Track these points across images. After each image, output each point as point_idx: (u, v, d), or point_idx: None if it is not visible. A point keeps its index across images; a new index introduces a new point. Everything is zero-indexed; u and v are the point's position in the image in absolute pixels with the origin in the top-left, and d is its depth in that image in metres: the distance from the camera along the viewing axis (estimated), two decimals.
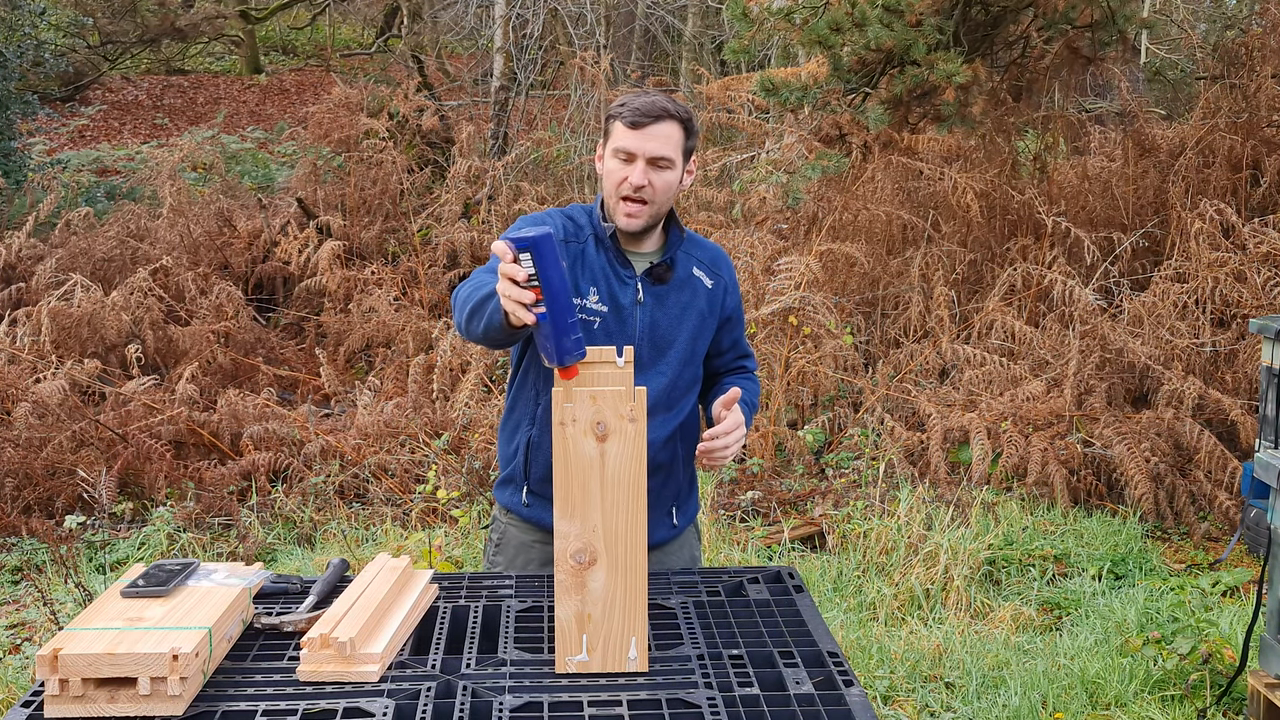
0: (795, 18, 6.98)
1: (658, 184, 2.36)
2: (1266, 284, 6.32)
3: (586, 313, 2.41)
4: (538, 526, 2.51)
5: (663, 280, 2.47)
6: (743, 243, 7.07)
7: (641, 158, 2.35)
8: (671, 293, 2.48)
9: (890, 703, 3.91)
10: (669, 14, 13.23)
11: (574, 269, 2.43)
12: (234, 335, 7.84)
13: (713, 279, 2.53)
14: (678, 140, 2.38)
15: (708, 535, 4.97)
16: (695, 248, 2.55)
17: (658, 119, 2.35)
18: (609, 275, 2.43)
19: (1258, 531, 5.13)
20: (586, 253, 2.44)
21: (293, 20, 20.54)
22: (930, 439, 5.74)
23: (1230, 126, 7.54)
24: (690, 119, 2.41)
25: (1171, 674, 3.94)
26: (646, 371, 2.45)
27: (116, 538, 5.49)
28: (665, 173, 2.37)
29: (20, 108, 11.34)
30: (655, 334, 2.46)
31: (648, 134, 2.35)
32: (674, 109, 2.39)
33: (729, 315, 2.57)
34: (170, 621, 1.88)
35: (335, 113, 10.82)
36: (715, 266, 2.55)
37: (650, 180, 2.35)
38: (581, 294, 2.41)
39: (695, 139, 2.44)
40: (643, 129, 2.35)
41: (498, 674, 1.91)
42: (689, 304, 2.49)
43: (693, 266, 2.51)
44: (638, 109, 2.36)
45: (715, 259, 2.57)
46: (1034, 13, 7.03)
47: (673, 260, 2.48)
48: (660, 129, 2.35)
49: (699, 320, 2.50)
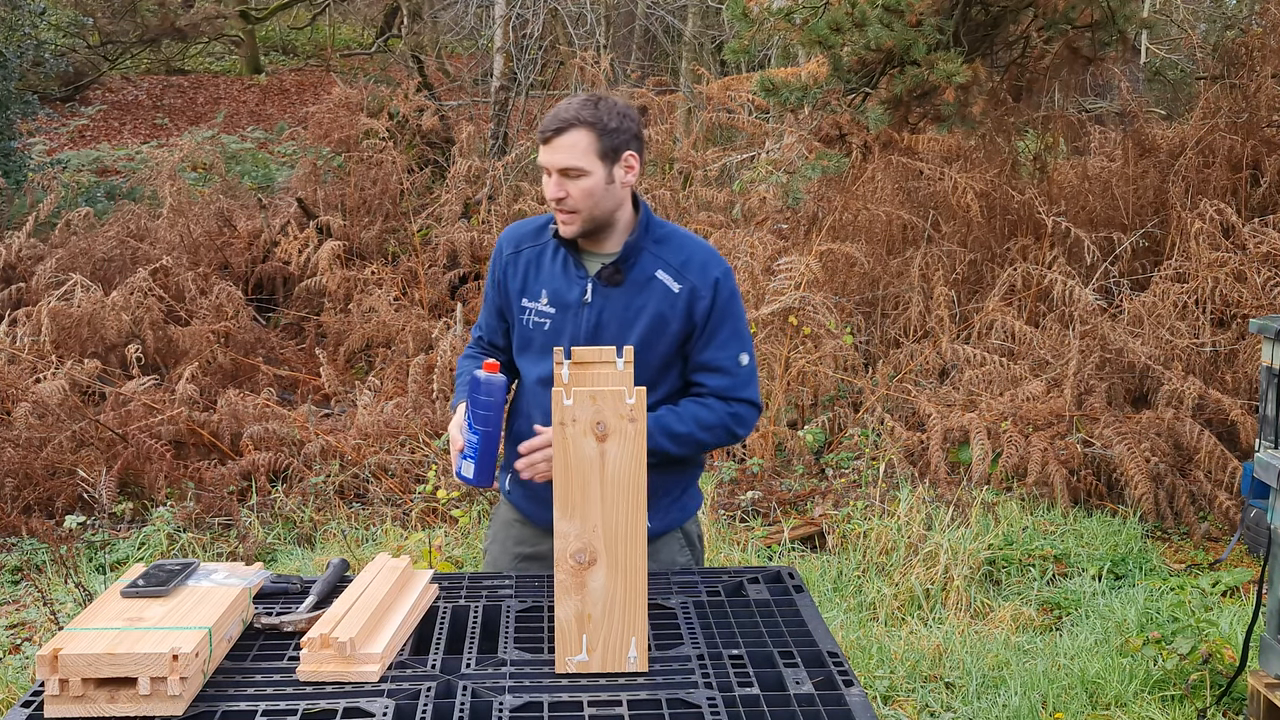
0: (795, 18, 6.98)
1: (575, 192, 2.38)
2: (1266, 284, 6.32)
3: (537, 314, 2.49)
4: (518, 508, 2.64)
5: (613, 281, 2.45)
6: (743, 243, 7.07)
7: (554, 170, 2.38)
8: (625, 294, 2.45)
9: (890, 703, 3.91)
10: (669, 14, 13.23)
11: (528, 272, 2.52)
12: (234, 335, 7.84)
13: (680, 283, 2.44)
14: (585, 146, 2.37)
15: (708, 535, 4.96)
16: (667, 249, 2.48)
17: (559, 131, 2.37)
18: (560, 276, 2.48)
19: (1258, 531, 5.13)
20: (544, 256, 2.51)
21: (293, 20, 20.54)
22: (930, 439, 5.74)
23: (1230, 126, 7.54)
24: (601, 120, 2.37)
25: (1171, 674, 3.94)
26: None
27: (116, 538, 5.48)
28: (580, 180, 2.38)
29: (20, 108, 11.34)
30: (600, 335, 2.44)
31: (554, 147, 2.38)
32: (579, 115, 2.37)
33: (698, 321, 2.45)
34: (170, 621, 1.88)
35: (335, 113, 10.82)
36: (685, 270, 2.45)
37: (567, 190, 2.38)
38: (534, 296, 2.50)
39: (619, 136, 2.39)
40: (550, 143, 2.38)
41: (498, 674, 1.91)
42: (644, 306, 2.44)
43: (658, 269, 2.46)
44: (544, 123, 2.40)
45: (686, 262, 2.46)
46: (1034, 13, 7.03)
47: (629, 261, 2.45)
48: (565, 140, 2.37)
49: (655, 323, 2.43)
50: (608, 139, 2.38)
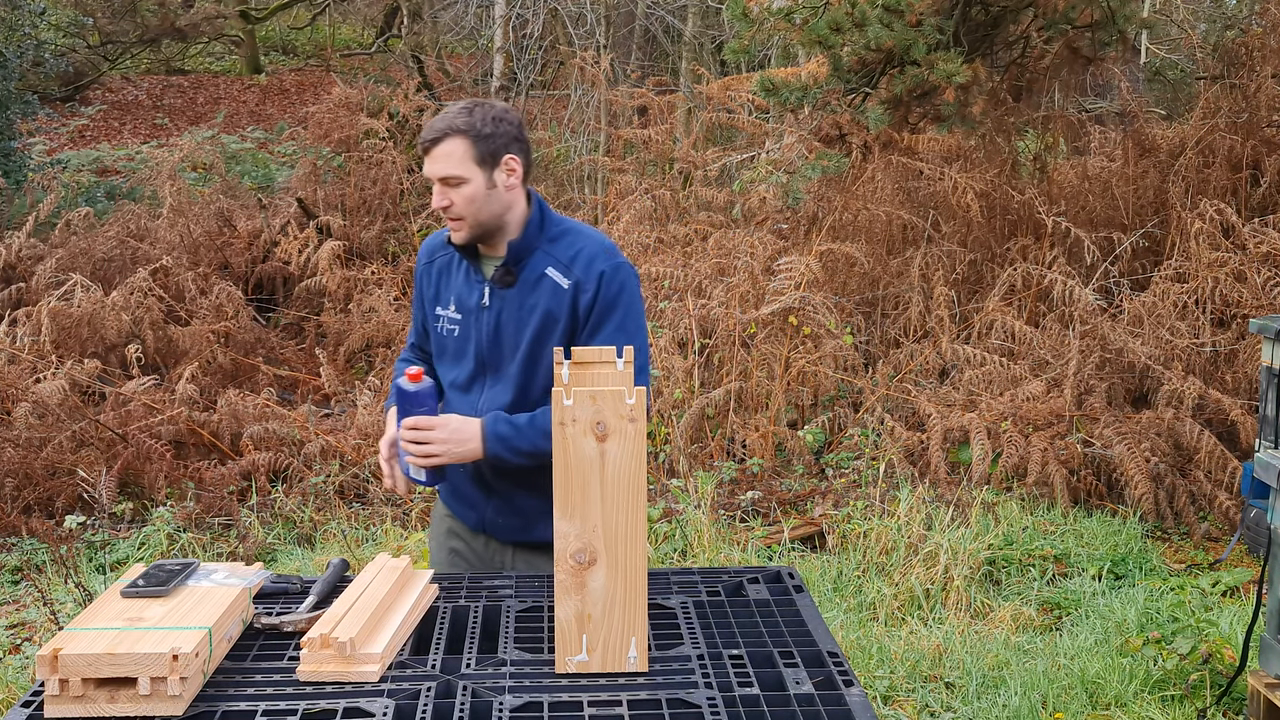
0: (795, 18, 6.98)
1: (457, 200, 2.42)
2: (1266, 284, 6.32)
3: (449, 321, 2.56)
4: (445, 504, 2.75)
5: (505, 283, 2.48)
6: (743, 243, 7.07)
7: (436, 179, 2.43)
8: (518, 295, 2.48)
9: (890, 703, 3.91)
10: (669, 14, 13.23)
11: (440, 281, 2.61)
12: (234, 335, 7.84)
13: (568, 277, 2.45)
14: (462, 154, 2.40)
15: (708, 535, 4.96)
16: (559, 247, 2.49)
17: (435, 141, 2.41)
18: (462, 283, 2.54)
19: (1258, 531, 5.13)
20: (451, 264, 2.58)
21: (293, 20, 20.53)
22: (930, 439, 5.74)
23: (1230, 126, 7.54)
24: (475, 126, 2.40)
25: (1171, 674, 3.94)
26: (498, 373, 2.51)
27: (116, 538, 5.48)
28: (461, 188, 2.41)
29: (20, 108, 11.33)
30: (499, 337, 2.49)
31: (433, 157, 2.42)
32: (453, 124, 2.40)
33: (582, 315, 2.44)
34: (170, 621, 1.88)
35: (335, 113, 10.83)
36: (572, 265, 2.46)
37: (450, 198, 2.43)
38: (445, 304, 2.57)
39: (496, 141, 2.41)
40: (429, 153, 2.42)
41: (498, 674, 1.91)
42: (535, 305, 2.46)
43: (547, 266, 2.48)
44: (422, 135, 2.45)
45: (574, 258, 2.46)
46: (1034, 13, 7.03)
47: (518, 262, 2.48)
48: (441, 149, 2.40)
49: (545, 321, 2.45)
50: (483, 145, 2.40)
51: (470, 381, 2.54)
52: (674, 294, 6.82)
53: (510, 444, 2.41)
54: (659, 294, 6.84)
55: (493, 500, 2.58)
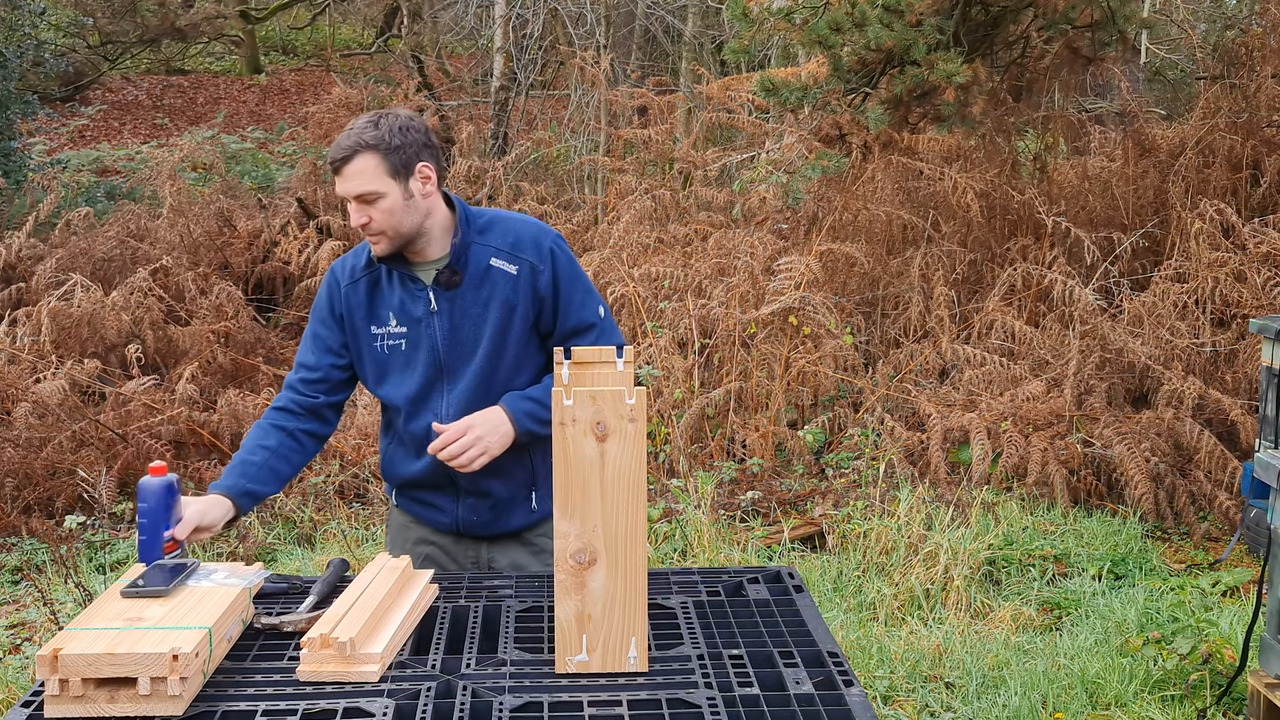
0: (795, 18, 6.98)
1: (376, 215, 2.39)
2: (1266, 284, 6.32)
3: (390, 338, 2.50)
4: (407, 513, 2.69)
5: (452, 284, 2.46)
6: (743, 243, 7.07)
7: (351, 198, 2.39)
8: (468, 292, 2.47)
9: (890, 703, 3.91)
10: (669, 14, 13.23)
11: (370, 299, 2.51)
12: (234, 335, 7.84)
13: (515, 264, 2.47)
14: (374, 169, 2.36)
15: (708, 535, 4.96)
16: (494, 236, 2.50)
17: (345, 160, 2.37)
18: (400, 294, 2.49)
19: (1258, 531, 5.13)
20: (380, 280, 2.52)
21: (293, 20, 20.53)
22: (930, 439, 5.74)
23: (1230, 126, 7.54)
24: (384, 139, 2.36)
25: (1171, 674, 3.94)
26: (458, 374, 2.49)
27: (116, 538, 5.49)
28: (378, 203, 2.38)
29: (20, 108, 11.34)
30: (457, 337, 2.48)
31: (344, 176, 2.38)
32: (361, 140, 2.36)
33: (544, 295, 2.48)
34: (170, 621, 1.88)
35: (335, 113, 10.84)
36: (517, 250, 2.48)
37: (369, 215, 2.39)
38: (382, 322, 2.51)
39: (406, 151, 2.39)
40: (340, 173, 2.39)
41: (498, 674, 1.91)
42: (489, 298, 2.46)
43: (490, 258, 2.48)
44: (330, 154, 2.41)
45: (517, 243, 2.49)
46: (1034, 13, 7.03)
47: (461, 260, 2.46)
48: (352, 168, 2.37)
49: (504, 311, 2.46)
50: (394, 157, 2.38)
51: (426, 391, 2.51)
52: (674, 294, 6.82)
53: (536, 416, 2.43)
54: (659, 294, 6.84)
55: (464, 500, 2.58)
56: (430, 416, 2.50)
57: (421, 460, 2.54)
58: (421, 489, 2.61)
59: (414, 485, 2.62)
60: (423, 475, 2.57)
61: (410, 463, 2.59)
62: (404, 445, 2.59)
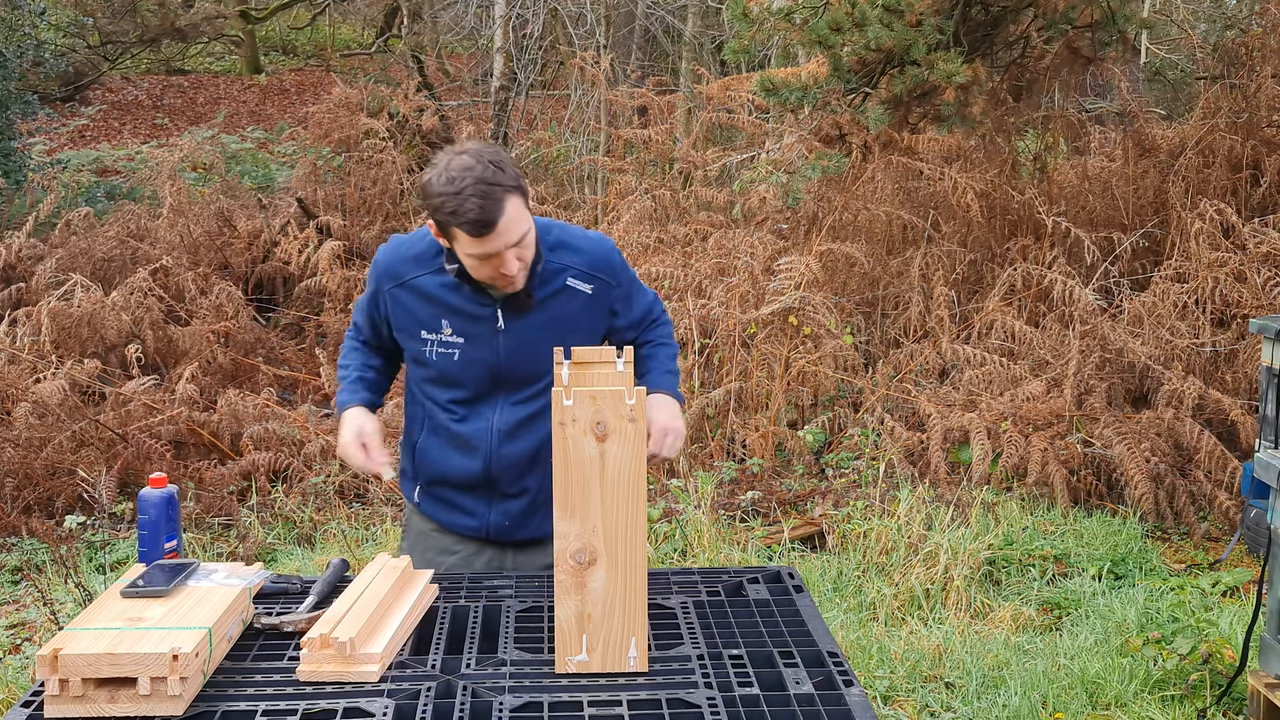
0: (795, 18, 6.98)
1: (526, 254, 2.32)
2: (1266, 284, 6.32)
3: (442, 345, 2.44)
4: (431, 518, 2.63)
5: (524, 308, 2.40)
6: (743, 243, 7.07)
7: (507, 247, 2.27)
8: (538, 312, 2.41)
9: (890, 703, 3.91)
10: (669, 14, 13.22)
11: (422, 304, 2.44)
12: (234, 335, 7.84)
13: (591, 284, 2.45)
14: (520, 208, 2.26)
15: (708, 535, 4.97)
16: (570, 253, 2.45)
17: (499, 211, 2.21)
18: (462, 305, 2.42)
19: (1258, 531, 5.13)
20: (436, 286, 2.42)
21: (293, 20, 20.53)
22: (930, 439, 5.74)
23: (1230, 126, 7.54)
24: (510, 178, 2.25)
25: (1171, 674, 3.94)
26: (518, 387, 2.45)
27: (116, 538, 5.49)
28: (524, 240, 2.30)
29: (20, 108, 11.33)
30: (523, 354, 2.42)
31: (500, 231, 2.23)
32: (502, 185, 2.22)
33: (614, 308, 2.51)
34: (170, 621, 1.88)
35: (335, 113, 10.83)
36: (594, 270, 2.46)
37: (523, 256, 2.31)
38: (435, 329, 2.44)
39: (522, 180, 2.31)
40: (494, 229, 2.22)
41: (498, 674, 1.91)
42: (562, 317, 2.41)
43: (567, 278, 2.43)
44: (475, 220, 2.20)
45: (593, 262, 2.46)
46: (1034, 13, 7.03)
47: (536, 282, 2.40)
48: (507, 217, 2.23)
49: (577, 330, 2.43)
50: (523, 189, 2.30)
51: (476, 399, 2.45)
52: (674, 294, 6.82)
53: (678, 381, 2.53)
54: (659, 294, 6.84)
55: (497, 504, 2.53)
56: (481, 422, 2.46)
57: (465, 458, 2.49)
58: (454, 489, 2.54)
59: (447, 484, 2.55)
60: (461, 474, 2.51)
61: (451, 459, 2.51)
62: (445, 440, 2.51)
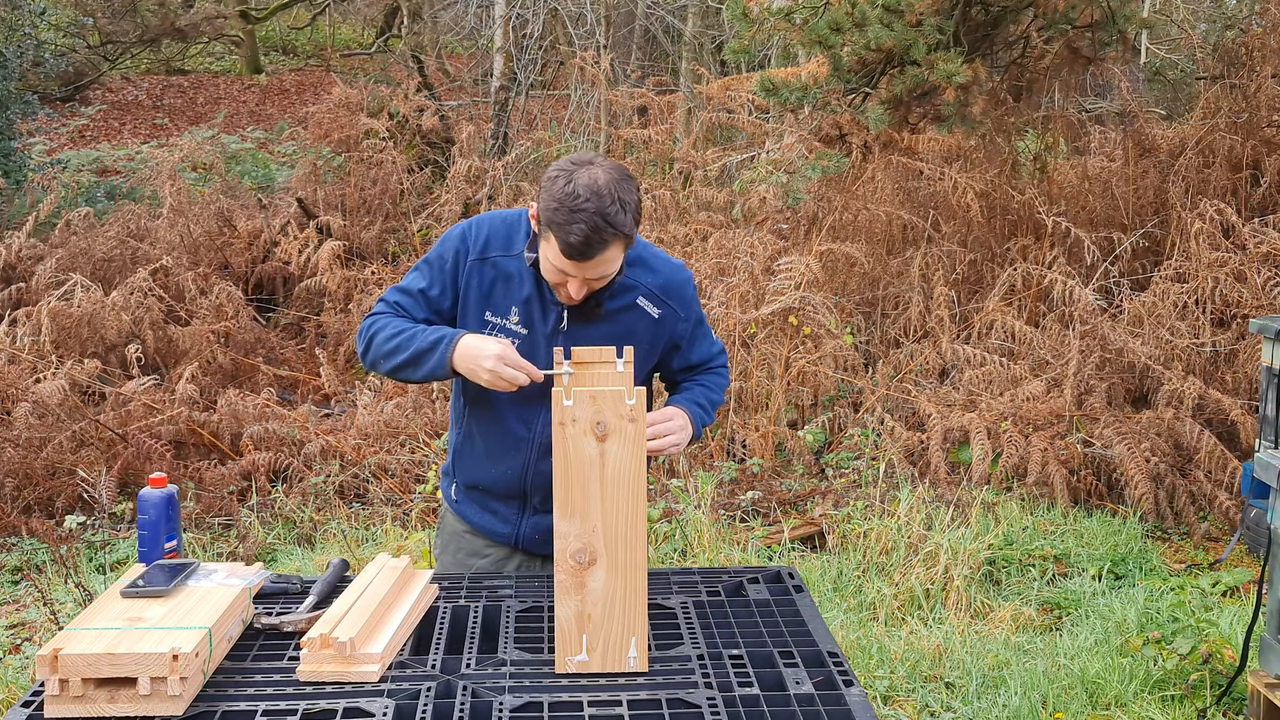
0: (795, 18, 6.98)
1: (597, 285, 2.31)
2: (1266, 284, 6.32)
3: (504, 332, 2.40)
4: (465, 519, 2.62)
5: (592, 317, 2.39)
6: (743, 243, 7.07)
7: (580, 278, 2.27)
8: (603, 323, 2.39)
9: (890, 703, 3.91)
10: (669, 14, 13.23)
11: (495, 284, 2.41)
12: (234, 335, 7.84)
13: (660, 309, 2.44)
14: (618, 254, 2.24)
15: (708, 535, 4.97)
16: (646, 272, 2.43)
17: (600, 249, 2.19)
18: (533, 300, 2.40)
19: (1258, 531, 5.13)
20: (513, 272, 2.40)
21: (293, 20, 20.53)
22: (930, 439, 5.74)
23: (1230, 126, 7.54)
24: (629, 226, 2.21)
25: (1171, 674, 3.94)
26: None
27: (116, 538, 5.48)
28: (606, 278, 2.30)
29: (20, 108, 11.33)
30: None
31: (586, 264, 2.22)
32: (613, 228, 2.17)
33: (676, 342, 2.49)
34: (170, 621, 1.88)
35: (335, 113, 10.83)
36: (665, 295, 2.44)
37: (590, 287, 2.30)
38: (501, 312, 2.41)
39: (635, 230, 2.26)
40: (586, 258, 2.20)
41: (498, 674, 1.91)
42: (625, 334, 2.37)
43: (638, 296, 2.42)
44: (573, 244, 2.18)
45: (666, 287, 2.44)
46: (1034, 13, 7.03)
47: (607, 293, 2.38)
48: (600, 257, 2.21)
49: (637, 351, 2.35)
50: (632, 239, 2.26)
51: (526, 397, 2.38)
52: None
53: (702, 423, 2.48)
54: None
55: (529, 515, 2.53)
56: (524, 431, 2.44)
57: (503, 467, 2.48)
58: (491, 495, 2.54)
59: (483, 490, 2.55)
60: (497, 483, 2.51)
61: (489, 468, 2.50)
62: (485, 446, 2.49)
